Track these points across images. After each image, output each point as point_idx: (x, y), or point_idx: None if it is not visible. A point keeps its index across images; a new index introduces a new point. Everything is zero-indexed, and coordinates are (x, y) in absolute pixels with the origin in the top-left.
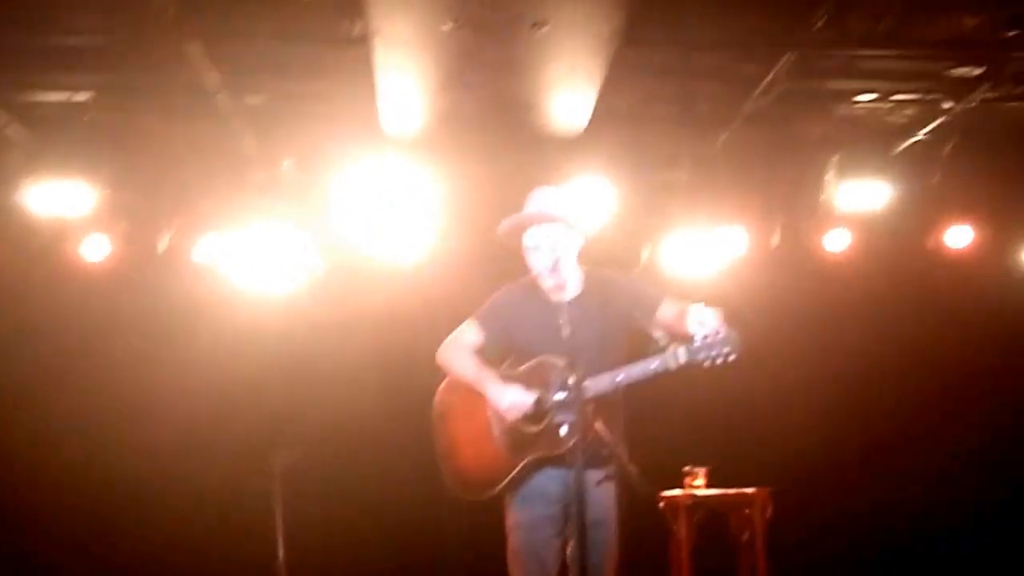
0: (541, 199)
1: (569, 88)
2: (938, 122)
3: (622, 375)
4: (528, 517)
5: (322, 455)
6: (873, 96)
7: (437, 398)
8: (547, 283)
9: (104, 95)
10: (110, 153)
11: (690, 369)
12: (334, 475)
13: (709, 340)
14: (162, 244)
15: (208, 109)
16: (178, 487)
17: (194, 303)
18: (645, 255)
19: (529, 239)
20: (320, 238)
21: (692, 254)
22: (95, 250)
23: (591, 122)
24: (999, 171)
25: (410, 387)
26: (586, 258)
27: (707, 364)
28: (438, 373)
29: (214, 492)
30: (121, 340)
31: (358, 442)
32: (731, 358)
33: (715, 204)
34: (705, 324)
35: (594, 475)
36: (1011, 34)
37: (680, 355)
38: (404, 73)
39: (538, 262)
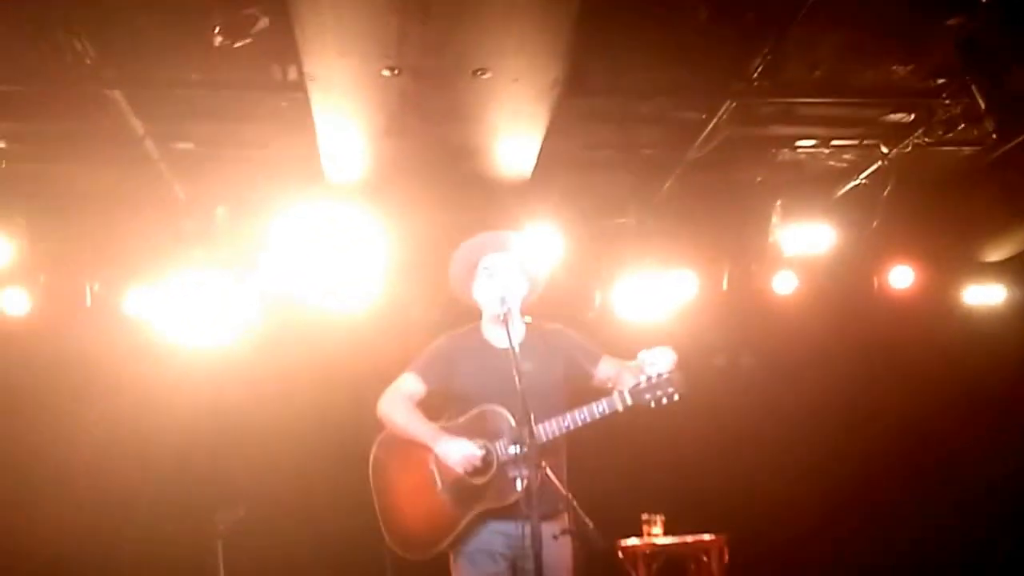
0: (496, 234)
1: (513, 135)
2: (875, 167)
3: (570, 419)
4: (475, 575)
5: (264, 513)
6: (813, 142)
7: (374, 452)
8: (490, 327)
9: (18, 143)
10: (27, 203)
11: (637, 409)
12: (277, 534)
13: (654, 381)
14: (88, 297)
15: (134, 156)
16: (116, 549)
17: (125, 358)
18: (597, 300)
19: (486, 262)
20: (258, 288)
21: (643, 298)
22: (14, 304)
23: (537, 168)
24: (935, 213)
25: (354, 441)
26: (538, 306)
27: (653, 404)
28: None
29: (155, 551)
30: (48, 398)
31: (300, 499)
32: (675, 398)
33: (664, 248)
34: (656, 364)
35: (549, 528)
36: (939, 82)
37: (626, 396)
38: (343, 118)
39: (490, 290)
